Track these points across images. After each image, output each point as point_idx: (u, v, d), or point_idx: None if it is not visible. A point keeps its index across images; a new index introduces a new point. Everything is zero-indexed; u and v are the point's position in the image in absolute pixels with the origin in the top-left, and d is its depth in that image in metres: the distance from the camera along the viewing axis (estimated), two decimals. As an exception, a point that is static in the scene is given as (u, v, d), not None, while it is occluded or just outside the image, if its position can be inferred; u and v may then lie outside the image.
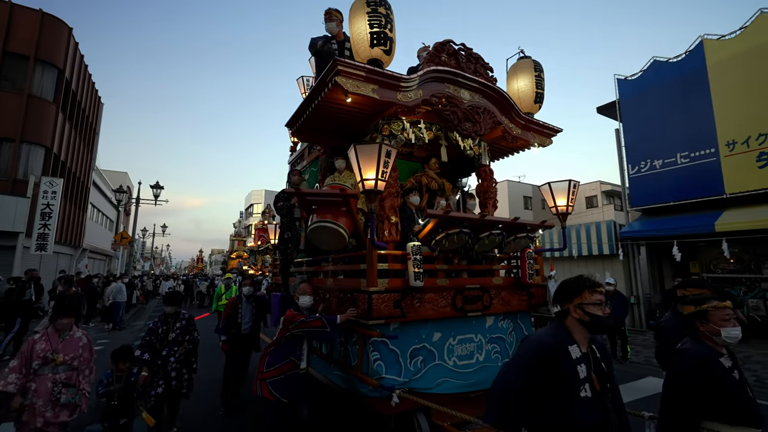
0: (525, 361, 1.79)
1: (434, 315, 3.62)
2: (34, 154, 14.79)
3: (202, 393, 5.61)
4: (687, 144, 10.87)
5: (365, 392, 3.33)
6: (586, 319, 1.83)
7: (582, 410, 1.68)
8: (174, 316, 4.14)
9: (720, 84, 10.37)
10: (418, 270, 3.41)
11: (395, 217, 3.90)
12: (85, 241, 21.35)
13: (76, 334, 3.42)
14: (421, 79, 3.89)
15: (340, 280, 4.13)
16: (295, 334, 3.48)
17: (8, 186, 13.69)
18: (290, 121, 4.51)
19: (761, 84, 9.63)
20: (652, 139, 11.74)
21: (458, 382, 3.68)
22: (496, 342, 4.11)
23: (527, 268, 4.20)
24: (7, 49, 14.41)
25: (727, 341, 2.11)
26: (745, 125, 9.77)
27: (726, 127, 10.12)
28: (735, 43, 10.22)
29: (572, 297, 1.88)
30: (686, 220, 10.67)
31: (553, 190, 4.24)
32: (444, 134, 4.39)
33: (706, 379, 2.02)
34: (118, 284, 12.69)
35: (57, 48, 15.72)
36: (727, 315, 2.12)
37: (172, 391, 3.91)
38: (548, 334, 1.88)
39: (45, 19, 15.32)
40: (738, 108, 9.94)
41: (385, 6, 3.71)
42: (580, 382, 1.73)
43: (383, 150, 3.14)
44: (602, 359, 1.89)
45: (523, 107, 4.84)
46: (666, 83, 11.50)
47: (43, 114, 15.02)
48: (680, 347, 2.25)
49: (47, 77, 15.48)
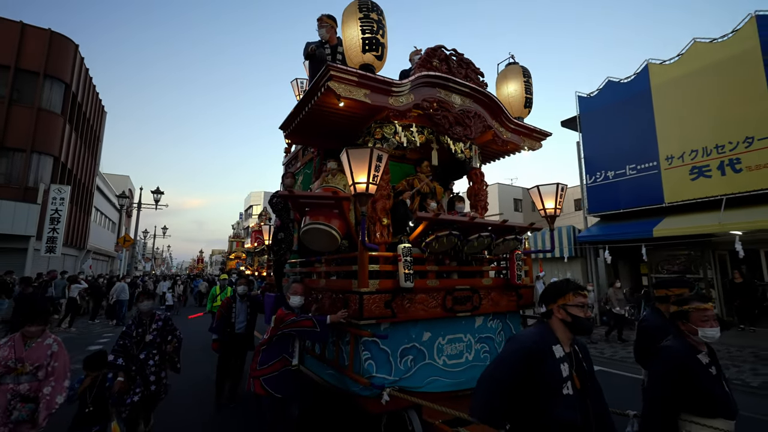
0: (510, 359, 1.86)
1: (424, 315, 3.67)
2: (43, 164, 16.02)
3: (197, 393, 5.69)
4: (634, 157, 12.05)
5: (356, 391, 3.36)
6: (569, 319, 1.90)
7: (563, 407, 1.76)
8: (149, 317, 3.94)
9: (661, 104, 11.53)
10: (409, 271, 3.46)
11: (387, 219, 3.95)
12: (90, 243, 22.58)
13: (46, 341, 3.12)
14: (413, 83, 3.94)
15: (332, 281, 4.17)
16: (285, 333, 3.52)
17: (20, 193, 14.91)
18: (284, 123, 4.57)
19: (692, 105, 10.78)
20: (606, 151, 12.94)
21: (448, 380, 3.72)
22: (486, 342, 4.15)
23: (516, 269, 4.27)
24: (19, 66, 15.65)
25: (705, 340, 2.22)
26: (681, 142, 10.94)
27: (666, 143, 11.31)
28: (674, 68, 11.37)
29: (557, 298, 1.96)
30: (633, 225, 11.83)
31: (541, 193, 4.34)
32: (435, 138, 4.45)
33: (684, 375, 2.13)
34: (121, 284, 13.76)
35: (64, 64, 16.96)
36: (706, 316, 2.21)
37: (151, 395, 3.72)
38: (533, 333, 1.96)
39: (53, 38, 16.55)
40: (675, 126, 11.12)
41: (377, 12, 3.77)
42: (562, 380, 1.80)
43: (374, 154, 3.20)
44: (584, 359, 1.97)
45: (513, 112, 4.92)
46: (618, 101, 12.67)
47: (51, 126, 16.24)
48: (662, 344, 2.37)
49: (55, 91, 16.73)
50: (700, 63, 10.71)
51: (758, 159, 9.39)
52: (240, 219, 63.43)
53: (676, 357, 2.18)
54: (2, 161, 14.99)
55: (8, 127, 15.06)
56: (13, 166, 15.29)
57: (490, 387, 1.85)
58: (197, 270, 48.57)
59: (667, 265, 12.38)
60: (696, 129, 10.67)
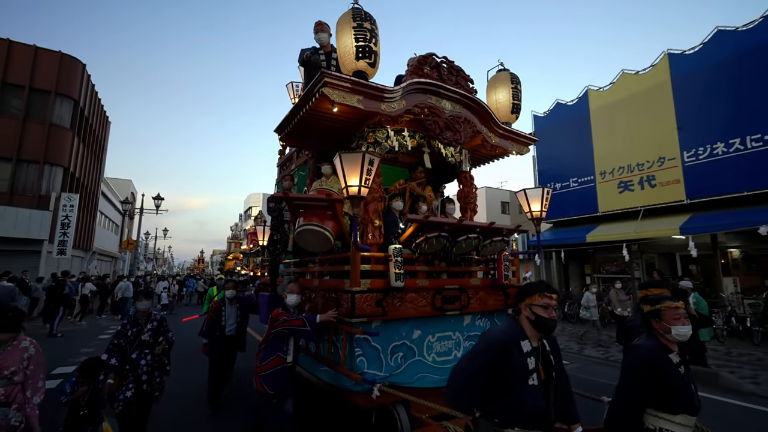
0: (482, 352, 2.03)
1: (415, 314, 3.78)
2: (54, 174, 17.71)
3: (192, 394, 5.84)
4: (577, 171, 13.78)
5: (349, 387, 3.47)
6: (533, 318, 2.07)
7: (529, 396, 1.93)
8: (145, 316, 3.95)
9: (597, 125, 13.26)
10: (399, 271, 3.58)
11: (379, 221, 4.06)
12: (95, 245, 24.28)
13: (22, 344, 3.03)
14: (405, 90, 4.07)
15: (325, 280, 4.29)
16: (279, 332, 3.65)
17: (34, 201, 16.61)
18: (279, 127, 4.69)
19: (621, 128, 12.49)
20: (556, 165, 14.60)
21: (437, 377, 3.84)
22: (474, 339, 4.26)
23: (503, 269, 4.39)
24: (33, 86, 17.32)
25: (677, 338, 2.26)
26: (611, 159, 12.62)
27: (600, 160, 13.05)
28: (607, 95, 13.06)
29: (525, 297, 2.13)
30: (575, 231, 13.50)
31: (528, 196, 4.48)
32: (427, 142, 4.56)
33: (654, 373, 2.18)
34: (125, 283, 15.40)
35: (73, 82, 18.65)
36: (678, 314, 2.27)
37: (143, 393, 3.71)
38: (504, 329, 2.11)
39: (63, 59, 18.22)
40: (608, 145, 12.85)
41: (371, 21, 3.89)
42: (528, 373, 1.96)
43: (366, 158, 3.32)
44: (552, 353, 2.13)
45: (501, 117, 5.07)
46: (565, 121, 14.37)
47: (62, 139, 17.94)
48: (635, 342, 2.43)
49: (65, 108, 18.42)
50: (627, 91, 12.38)
51: (668, 176, 11.01)
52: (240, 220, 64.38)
53: (648, 357, 2.23)
54: (19, 172, 16.70)
55: (23, 142, 16.75)
56: (28, 177, 17.02)
57: (463, 377, 2.03)
58: (198, 270, 49.31)
59: (607, 267, 14.03)
60: (623, 148, 12.37)
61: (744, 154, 9.54)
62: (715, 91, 10.18)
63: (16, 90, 16.93)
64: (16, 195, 16.23)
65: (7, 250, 15.16)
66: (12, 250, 15.29)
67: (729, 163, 9.78)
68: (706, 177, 10.20)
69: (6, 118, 16.49)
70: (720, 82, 10.11)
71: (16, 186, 16.46)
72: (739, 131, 9.69)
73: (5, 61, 16.65)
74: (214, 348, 5.32)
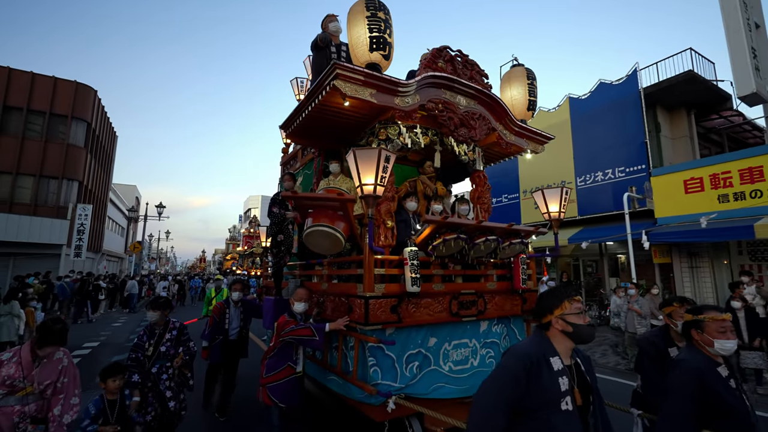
0: (506, 373, 1.76)
1: (430, 320, 3.61)
2: (71, 188, 20.65)
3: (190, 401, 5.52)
4: (507, 189, 16.34)
5: (361, 398, 3.30)
6: (569, 329, 1.81)
7: (562, 424, 1.66)
8: (162, 326, 3.72)
9: (523, 154, 15.76)
10: (416, 275, 3.39)
11: (391, 222, 3.89)
12: (104, 247, 27.18)
13: (56, 355, 2.83)
14: (419, 84, 3.91)
15: (335, 284, 4.11)
16: (287, 341, 3.49)
17: (54, 211, 19.55)
18: (285, 123, 4.51)
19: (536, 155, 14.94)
20: (498, 181, 17.18)
21: (453, 387, 3.67)
22: (491, 347, 4.10)
23: (520, 273, 4.22)
24: (53, 112, 20.22)
25: (721, 353, 2.12)
26: (532, 180, 15.24)
27: (523, 181, 15.61)
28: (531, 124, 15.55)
29: (552, 308, 1.87)
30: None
31: (545, 196, 4.27)
32: (440, 139, 4.38)
33: (703, 389, 2.02)
34: (132, 281, 18.43)
35: (86, 107, 21.60)
36: (724, 327, 2.12)
37: (168, 412, 3.47)
38: (530, 345, 1.85)
39: (78, 87, 21.14)
40: (529, 168, 15.41)
41: (385, 11, 3.73)
42: (561, 395, 1.70)
43: (383, 155, 3.17)
44: (586, 372, 1.87)
45: (516, 114, 4.89)
46: (501, 146, 16.90)
47: (77, 157, 20.88)
48: (677, 357, 2.28)
49: (80, 129, 21.36)
50: (543, 124, 14.97)
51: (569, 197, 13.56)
52: (240, 222, 66.64)
53: (693, 371, 2.06)
54: (42, 187, 19.61)
55: (45, 160, 19.66)
56: (49, 191, 19.95)
57: (486, 403, 1.73)
58: (199, 269, 50.94)
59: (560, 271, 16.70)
60: (539, 171, 14.99)
61: (614, 182, 12.22)
62: (597, 130, 12.89)
63: (38, 116, 19.83)
64: (39, 206, 19.13)
65: (34, 254, 18.17)
66: (37, 254, 18.31)
67: (606, 188, 12.46)
68: (591, 198, 12.87)
69: (31, 140, 19.41)
70: (600, 123, 12.81)
71: (39, 199, 19.37)
72: (609, 163, 12.39)
73: (30, 90, 19.57)
74: (215, 352, 5.09)
